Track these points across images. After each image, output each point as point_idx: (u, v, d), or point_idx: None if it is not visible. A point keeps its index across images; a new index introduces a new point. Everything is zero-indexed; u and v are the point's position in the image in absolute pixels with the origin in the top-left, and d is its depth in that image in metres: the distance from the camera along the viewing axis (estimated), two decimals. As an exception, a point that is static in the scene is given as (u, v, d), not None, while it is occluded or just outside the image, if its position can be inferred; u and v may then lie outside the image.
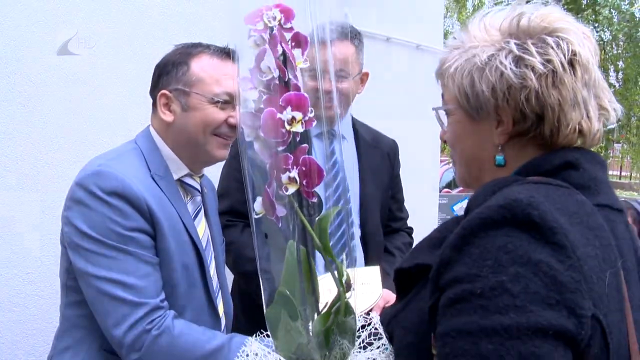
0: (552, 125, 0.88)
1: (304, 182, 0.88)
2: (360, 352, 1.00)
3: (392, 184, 2.14)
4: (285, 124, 0.86)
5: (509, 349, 0.69)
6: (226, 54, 1.43)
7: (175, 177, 1.43)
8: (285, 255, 0.94)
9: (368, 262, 1.91)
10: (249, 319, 2.00)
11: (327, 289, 0.97)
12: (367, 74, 2.00)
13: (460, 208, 4.87)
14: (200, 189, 1.51)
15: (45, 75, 2.17)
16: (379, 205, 2.03)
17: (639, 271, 0.88)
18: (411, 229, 2.26)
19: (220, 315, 1.50)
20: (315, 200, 0.90)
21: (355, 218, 1.94)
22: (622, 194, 18.11)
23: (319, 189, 0.91)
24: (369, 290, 1.55)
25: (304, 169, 0.87)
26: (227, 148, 1.46)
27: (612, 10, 11.78)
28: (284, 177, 0.88)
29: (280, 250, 0.94)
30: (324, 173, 0.89)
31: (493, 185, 0.85)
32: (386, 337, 0.99)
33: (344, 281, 0.92)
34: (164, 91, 1.40)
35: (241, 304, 2.05)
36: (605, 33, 13.89)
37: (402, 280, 0.95)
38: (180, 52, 1.42)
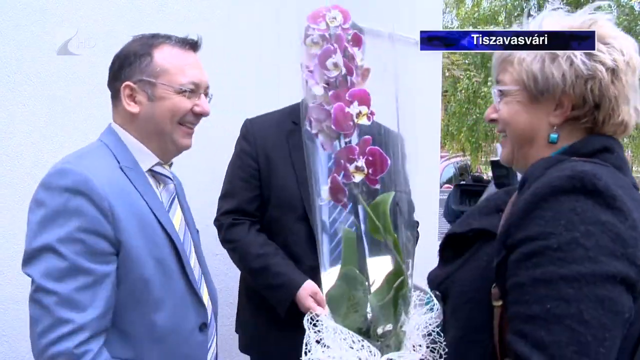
0: (606, 114, 1.02)
1: (370, 171, 0.96)
2: (409, 319, 1.05)
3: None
4: (354, 117, 0.94)
5: (587, 293, 0.83)
6: (188, 44, 1.45)
7: (146, 167, 1.43)
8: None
9: None
10: (254, 312, 2.02)
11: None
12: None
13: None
14: (171, 176, 1.51)
15: (45, 75, 2.18)
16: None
17: None
18: (417, 222, 2.26)
19: (205, 302, 1.51)
20: (378, 186, 0.97)
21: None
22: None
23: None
24: None
25: (370, 158, 0.95)
26: (191, 136, 1.48)
27: (611, 3, 11.79)
28: (351, 167, 0.95)
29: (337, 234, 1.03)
30: (389, 162, 0.96)
31: (545, 162, 1.00)
32: (437, 296, 1.09)
33: (403, 259, 0.99)
34: (127, 82, 1.39)
35: (247, 298, 2.06)
36: (605, 27, 13.83)
37: (453, 245, 1.08)
38: (141, 43, 1.42)
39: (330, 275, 1.05)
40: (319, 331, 1.01)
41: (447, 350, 1.03)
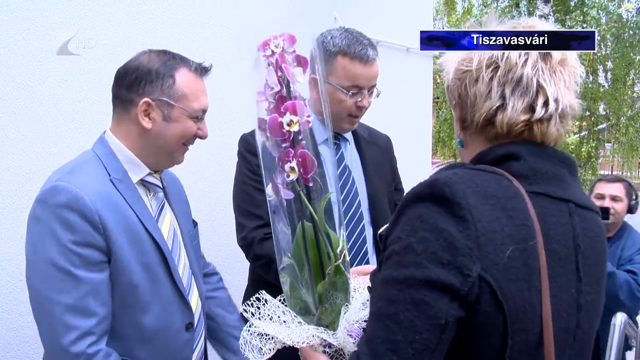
0: (470, 112, 1.05)
1: (301, 170, 1.13)
2: (349, 306, 1.22)
3: (394, 176, 2.20)
4: (285, 125, 1.11)
5: (406, 295, 0.89)
6: (202, 69, 1.54)
7: (136, 178, 1.50)
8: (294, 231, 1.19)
9: None
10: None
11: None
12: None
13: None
14: (161, 185, 1.59)
15: (45, 75, 2.18)
16: (387, 201, 2.08)
17: (576, 255, 1.00)
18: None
19: (194, 305, 1.60)
20: (311, 184, 1.15)
21: (366, 216, 1.98)
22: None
23: (335, 195, 1.18)
24: None
25: (299, 160, 1.13)
26: (184, 153, 1.58)
27: (599, 11, 11.85)
28: (287, 167, 1.13)
29: (286, 226, 1.19)
30: (316, 163, 1.13)
31: (443, 167, 1.06)
32: (368, 289, 1.19)
33: (337, 250, 1.18)
34: (147, 99, 1.45)
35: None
36: (594, 34, 13.94)
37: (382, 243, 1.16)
38: (163, 63, 1.48)
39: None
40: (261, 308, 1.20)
41: None
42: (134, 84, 1.47)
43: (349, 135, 2.03)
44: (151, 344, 1.47)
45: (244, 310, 1.20)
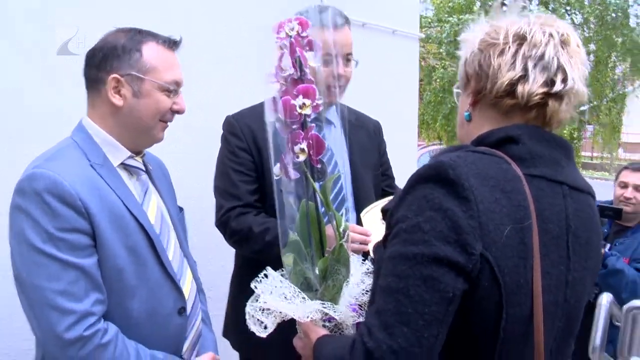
0: (489, 82, 1.09)
1: (310, 152, 1.18)
2: (349, 282, 1.29)
3: (381, 161, 2.20)
4: (297, 107, 1.16)
5: (415, 271, 0.94)
6: (171, 43, 1.51)
7: (117, 162, 1.47)
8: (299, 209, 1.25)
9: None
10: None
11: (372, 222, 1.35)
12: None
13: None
14: (144, 168, 1.56)
15: (45, 75, 2.19)
16: (372, 186, 2.08)
17: (567, 234, 1.07)
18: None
19: (186, 288, 1.57)
20: (319, 166, 1.20)
21: (350, 199, 1.97)
22: (594, 175, 18.46)
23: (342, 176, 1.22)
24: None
25: (310, 142, 1.17)
26: (164, 130, 1.54)
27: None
28: (297, 148, 1.18)
29: (292, 205, 1.24)
30: (326, 145, 1.19)
31: (445, 149, 1.11)
32: (371, 260, 1.26)
33: (341, 230, 1.25)
34: (115, 75, 1.42)
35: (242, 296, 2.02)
36: (577, 16, 14.06)
37: (385, 218, 1.20)
38: (129, 38, 1.46)
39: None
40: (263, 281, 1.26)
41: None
42: (101, 62, 1.44)
43: (334, 119, 2.02)
44: (140, 329, 1.44)
45: (254, 287, 1.25)
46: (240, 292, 1.99)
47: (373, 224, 1.69)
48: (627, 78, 16.30)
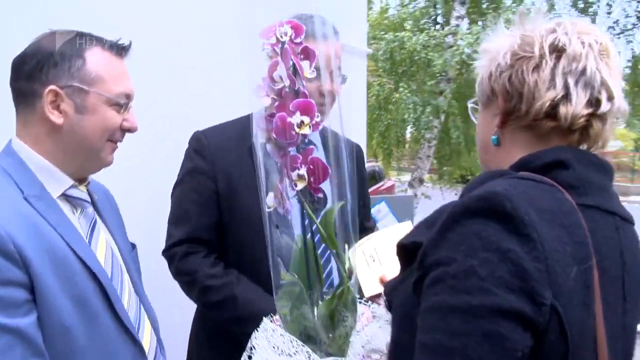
0: (526, 102, 0.95)
1: (311, 179, 1.00)
2: (360, 332, 1.12)
3: (360, 189, 2.01)
4: (295, 127, 0.97)
5: (473, 325, 0.77)
6: (120, 48, 1.30)
7: (57, 193, 1.24)
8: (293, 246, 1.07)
9: None
10: (212, 347, 1.78)
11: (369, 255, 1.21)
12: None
13: (376, 211, 4.73)
14: (90, 199, 1.33)
15: None
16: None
17: (623, 272, 0.93)
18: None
19: (146, 341, 1.34)
20: (321, 195, 1.02)
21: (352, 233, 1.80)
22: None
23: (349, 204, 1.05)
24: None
25: (311, 167, 1.00)
26: (114, 152, 1.33)
27: (513, 15, 12.36)
28: (294, 175, 1.00)
29: (286, 240, 1.07)
30: (329, 171, 1.01)
31: (484, 176, 0.95)
32: (386, 305, 1.06)
33: (346, 269, 1.06)
34: (53, 87, 1.19)
35: (204, 332, 1.83)
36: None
37: (402, 255, 1.01)
38: (70, 42, 1.24)
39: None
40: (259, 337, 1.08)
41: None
42: (34, 71, 1.20)
43: (317, 140, 1.85)
44: None
45: (253, 345, 1.09)
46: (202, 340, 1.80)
47: (364, 260, 1.53)
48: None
